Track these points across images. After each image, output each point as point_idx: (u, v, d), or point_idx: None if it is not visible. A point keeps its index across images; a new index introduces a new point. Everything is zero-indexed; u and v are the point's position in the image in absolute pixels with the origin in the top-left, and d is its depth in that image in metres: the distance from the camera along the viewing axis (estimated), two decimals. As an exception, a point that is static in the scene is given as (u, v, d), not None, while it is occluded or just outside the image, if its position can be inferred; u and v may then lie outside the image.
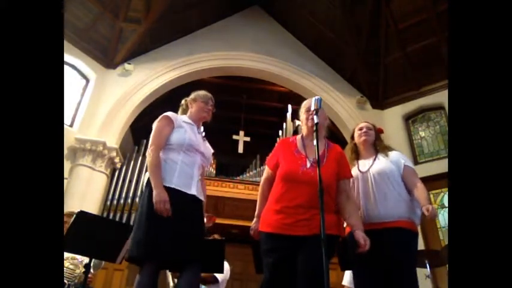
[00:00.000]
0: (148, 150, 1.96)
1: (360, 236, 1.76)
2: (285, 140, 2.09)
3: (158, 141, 1.96)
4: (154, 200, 1.77)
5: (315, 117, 1.78)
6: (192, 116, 2.19)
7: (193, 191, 1.93)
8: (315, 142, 1.72)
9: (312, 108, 1.83)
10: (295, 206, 1.78)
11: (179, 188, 1.88)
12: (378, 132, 2.37)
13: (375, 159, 2.19)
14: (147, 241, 1.72)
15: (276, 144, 2.10)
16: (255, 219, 2.02)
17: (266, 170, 2.09)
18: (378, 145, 2.28)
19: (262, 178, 2.09)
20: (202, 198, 2.02)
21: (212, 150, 2.24)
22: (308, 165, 1.87)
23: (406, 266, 1.91)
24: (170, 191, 1.84)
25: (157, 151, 1.93)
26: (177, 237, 1.76)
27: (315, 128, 1.77)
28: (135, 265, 1.81)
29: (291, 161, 1.91)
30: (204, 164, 2.11)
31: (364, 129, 2.29)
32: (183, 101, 2.31)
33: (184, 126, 2.06)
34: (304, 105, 2.09)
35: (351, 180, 2.07)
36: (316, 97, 1.87)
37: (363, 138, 2.26)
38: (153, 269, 1.75)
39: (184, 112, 2.27)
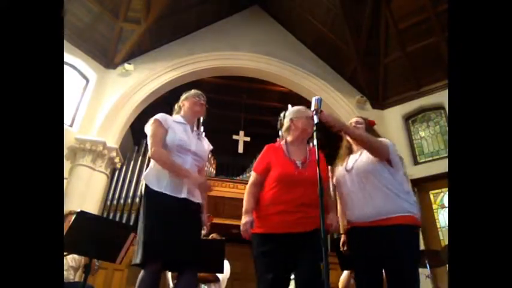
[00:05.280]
0: (150, 153, 1.97)
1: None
2: (271, 146, 2.13)
3: (157, 142, 1.97)
4: (198, 182, 1.93)
5: (314, 117, 1.78)
6: (186, 113, 2.18)
7: (184, 194, 1.92)
8: (315, 142, 1.74)
9: (312, 108, 1.83)
10: (296, 205, 1.82)
11: (169, 193, 1.88)
12: (370, 124, 2.30)
13: (361, 154, 2.06)
14: (150, 242, 1.75)
15: (264, 150, 2.11)
16: (246, 216, 1.92)
17: (253, 175, 2.06)
18: None
19: (249, 182, 2.06)
20: (196, 200, 2.00)
21: (208, 147, 2.22)
22: (300, 166, 1.94)
23: (404, 264, 1.80)
24: (160, 195, 1.87)
25: (160, 149, 1.96)
26: (174, 239, 1.78)
27: (314, 128, 1.77)
28: (139, 267, 1.83)
29: (284, 164, 1.95)
30: (197, 163, 2.09)
31: (353, 124, 2.24)
32: (176, 106, 2.30)
33: (174, 127, 2.05)
34: (301, 111, 2.11)
35: (339, 179, 2.08)
36: (316, 97, 1.87)
37: None
38: (156, 268, 1.78)
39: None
